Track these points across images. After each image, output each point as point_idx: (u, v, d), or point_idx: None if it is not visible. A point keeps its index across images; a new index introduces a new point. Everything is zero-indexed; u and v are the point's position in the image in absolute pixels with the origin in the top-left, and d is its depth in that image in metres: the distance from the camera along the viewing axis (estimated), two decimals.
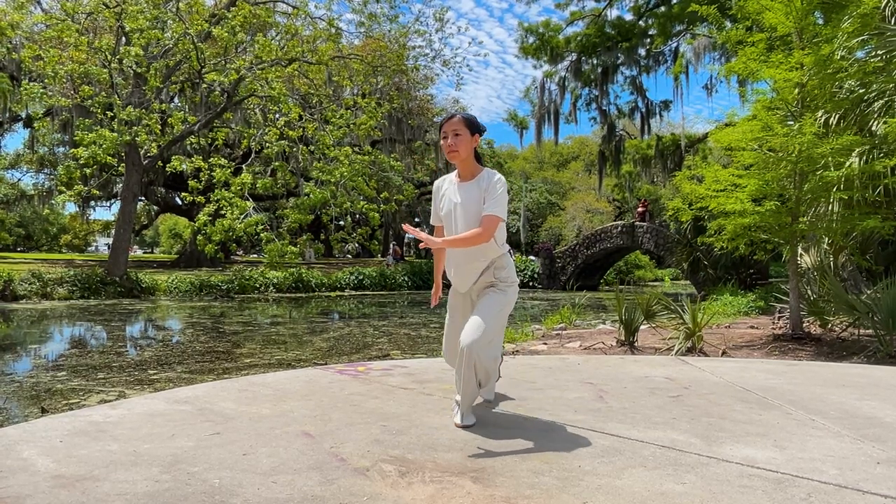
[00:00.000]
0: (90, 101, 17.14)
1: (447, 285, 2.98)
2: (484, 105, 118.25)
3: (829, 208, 6.47)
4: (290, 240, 18.96)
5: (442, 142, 2.71)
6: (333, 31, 19.83)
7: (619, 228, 25.36)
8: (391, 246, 32.77)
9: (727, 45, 7.13)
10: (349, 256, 45.79)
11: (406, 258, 33.87)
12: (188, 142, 20.15)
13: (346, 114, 20.19)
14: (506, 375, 3.87)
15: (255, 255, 41.88)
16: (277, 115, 20.01)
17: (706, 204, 6.67)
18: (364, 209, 19.78)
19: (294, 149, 19.79)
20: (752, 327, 7.80)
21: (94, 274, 17.48)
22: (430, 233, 2.81)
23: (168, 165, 19.61)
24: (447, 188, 2.80)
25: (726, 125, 7.22)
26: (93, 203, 34.12)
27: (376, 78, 22.41)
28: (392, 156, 25.37)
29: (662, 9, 22.91)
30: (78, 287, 16.62)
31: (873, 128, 6.46)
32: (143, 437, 2.42)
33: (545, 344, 6.67)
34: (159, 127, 18.10)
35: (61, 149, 30.87)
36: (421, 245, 2.54)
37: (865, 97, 6.42)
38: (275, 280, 20.42)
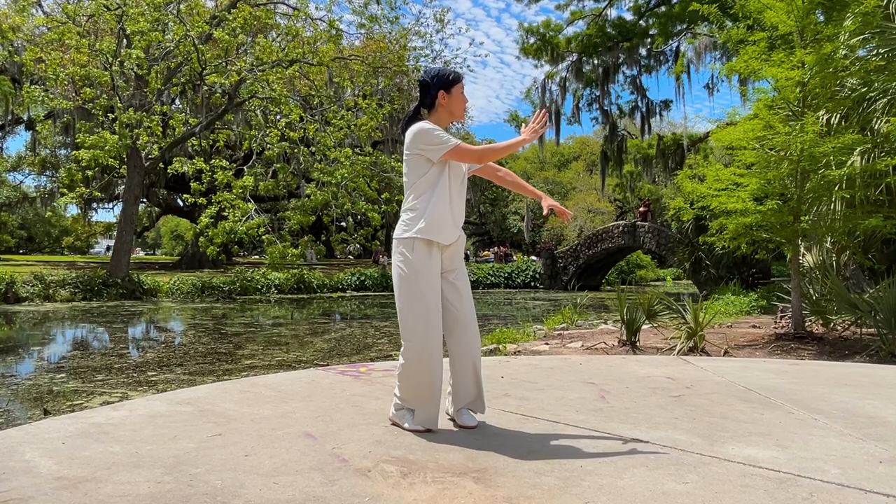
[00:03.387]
0: (91, 103, 17.18)
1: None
2: (483, 105, 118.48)
3: (832, 207, 6.46)
4: (291, 241, 18.99)
5: (461, 95, 2.61)
6: (334, 32, 19.84)
7: (621, 228, 25.34)
8: (379, 248, 31.74)
9: (728, 44, 7.13)
10: (351, 257, 45.82)
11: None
12: (189, 143, 20.17)
13: (348, 115, 20.20)
14: (507, 376, 3.87)
15: (257, 257, 41.95)
16: (278, 117, 20.04)
17: (708, 203, 6.66)
18: (365, 210, 19.79)
19: (295, 150, 19.82)
20: (754, 327, 7.78)
21: (97, 276, 17.51)
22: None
23: (170, 167, 19.66)
24: None
25: (728, 124, 7.22)
26: (95, 205, 34.18)
27: (377, 79, 22.42)
28: (393, 156, 25.36)
29: (663, 8, 22.91)
30: (80, 289, 16.66)
31: (875, 126, 6.45)
32: (145, 438, 2.42)
33: (547, 344, 6.67)
34: (161, 129, 18.13)
35: (63, 151, 30.93)
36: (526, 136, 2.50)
37: (867, 96, 6.41)
38: (276, 281, 20.45)
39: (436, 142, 2.45)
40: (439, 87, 2.57)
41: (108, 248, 57.57)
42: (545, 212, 2.81)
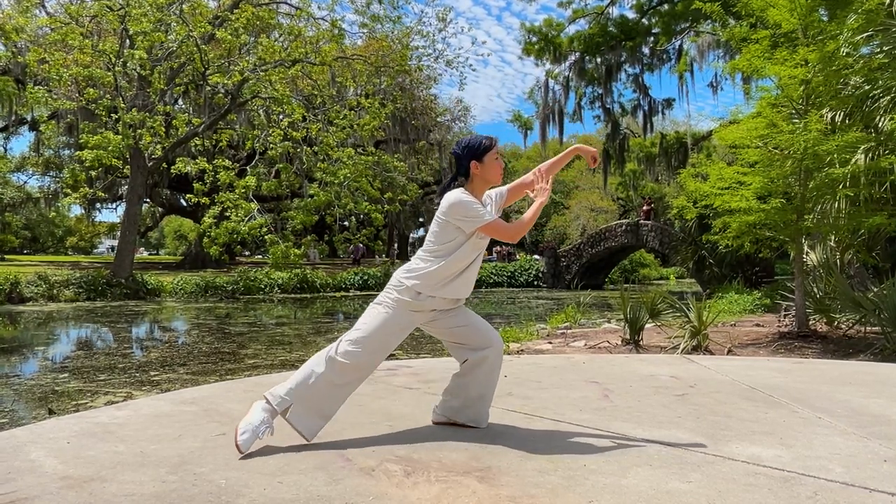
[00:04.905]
0: (95, 104, 17.22)
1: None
2: (484, 104, 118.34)
3: (835, 205, 6.45)
4: (294, 241, 18.99)
5: (495, 162, 2.58)
6: (336, 31, 19.85)
7: (624, 227, 25.30)
8: (359, 248, 29.95)
9: (731, 42, 7.12)
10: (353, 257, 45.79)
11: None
12: (192, 143, 20.21)
13: (350, 114, 20.20)
14: (510, 374, 3.87)
15: (260, 256, 41.99)
16: (281, 116, 20.04)
17: (711, 202, 6.65)
18: (367, 210, 19.80)
19: (298, 150, 19.84)
20: (757, 325, 7.77)
21: (100, 276, 17.55)
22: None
23: (173, 167, 19.68)
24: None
25: (731, 122, 7.20)
26: (98, 205, 34.28)
27: (379, 78, 22.42)
28: (396, 156, 25.37)
29: (665, 7, 22.87)
30: (84, 289, 16.69)
31: (879, 124, 6.43)
32: (149, 437, 2.43)
33: (550, 343, 6.67)
34: (163, 129, 18.15)
35: (66, 151, 31.01)
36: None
37: (871, 94, 6.39)
38: (279, 281, 20.47)
39: (472, 215, 2.45)
40: (470, 157, 2.55)
41: (111, 248, 57.73)
42: (592, 163, 2.81)
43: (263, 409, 2.35)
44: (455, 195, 2.50)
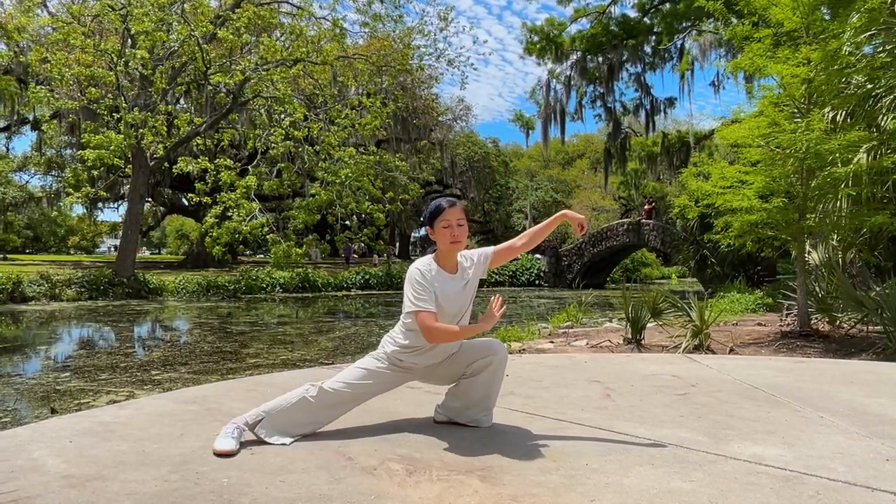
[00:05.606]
0: (96, 103, 17.24)
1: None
2: (486, 104, 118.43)
3: (837, 204, 6.44)
4: (296, 240, 19.01)
5: (443, 230, 2.44)
6: (338, 31, 19.86)
7: (626, 226, 25.29)
8: (351, 247, 29.94)
9: (734, 41, 7.11)
10: (355, 256, 45.83)
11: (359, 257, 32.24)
12: (194, 143, 20.23)
13: (351, 114, 20.22)
14: (512, 374, 3.87)
15: (262, 256, 42.01)
16: (283, 116, 20.07)
17: (713, 201, 6.65)
18: (368, 209, 19.80)
19: (299, 149, 19.86)
20: (759, 324, 7.76)
21: (102, 275, 17.58)
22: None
23: (174, 167, 19.71)
24: (439, 280, 2.45)
25: (733, 122, 7.20)
26: (100, 204, 34.31)
27: (381, 77, 22.43)
28: (397, 155, 25.38)
29: (667, 5, 22.85)
30: (86, 288, 16.72)
31: (881, 123, 6.42)
32: (151, 436, 2.43)
33: (552, 342, 6.66)
34: (165, 128, 18.17)
35: (68, 151, 31.04)
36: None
37: (873, 93, 6.38)
38: (281, 280, 20.49)
39: (411, 295, 2.40)
40: (425, 223, 2.52)
41: (113, 248, 57.80)
42: (580, 231, 2.67)
43: (235, 428, 2.35)
44: (412, 269, 2.46)
